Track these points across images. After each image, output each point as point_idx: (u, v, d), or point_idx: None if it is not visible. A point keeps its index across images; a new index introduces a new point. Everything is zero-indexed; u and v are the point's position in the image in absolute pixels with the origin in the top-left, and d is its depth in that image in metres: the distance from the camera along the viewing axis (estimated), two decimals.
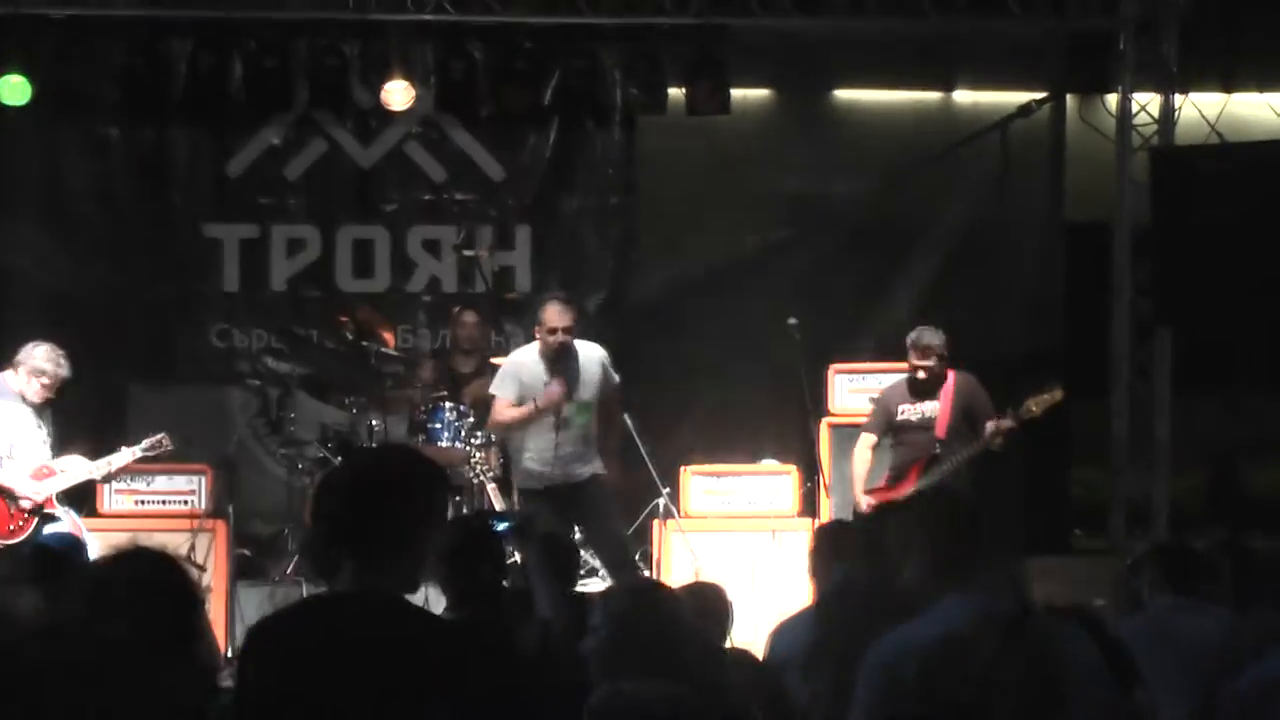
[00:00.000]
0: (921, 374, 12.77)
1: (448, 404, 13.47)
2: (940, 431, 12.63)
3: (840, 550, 8.39)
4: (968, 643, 5.12)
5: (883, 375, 13.68)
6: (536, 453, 12.36)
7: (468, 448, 13.02)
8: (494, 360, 13.35)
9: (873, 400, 13.43)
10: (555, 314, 12.33)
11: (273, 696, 4.63)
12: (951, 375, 12.68)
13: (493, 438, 13.16)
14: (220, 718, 5.19)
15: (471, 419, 13.22)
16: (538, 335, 12.32)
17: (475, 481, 12.88)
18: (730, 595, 8.47)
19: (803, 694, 7.54)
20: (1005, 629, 5.12)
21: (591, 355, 12.67)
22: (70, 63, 14.77)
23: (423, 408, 13.60)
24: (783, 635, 8.17)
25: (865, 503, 12.67)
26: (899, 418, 12.90)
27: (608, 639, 5.82)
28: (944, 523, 5.77)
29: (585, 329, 13.12)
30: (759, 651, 8.30)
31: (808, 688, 7.57)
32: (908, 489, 12.44)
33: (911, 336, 12.82)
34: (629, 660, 5.79)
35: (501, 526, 10.70)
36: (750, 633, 9.43)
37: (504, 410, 12.26)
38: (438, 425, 13.38)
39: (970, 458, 12.47)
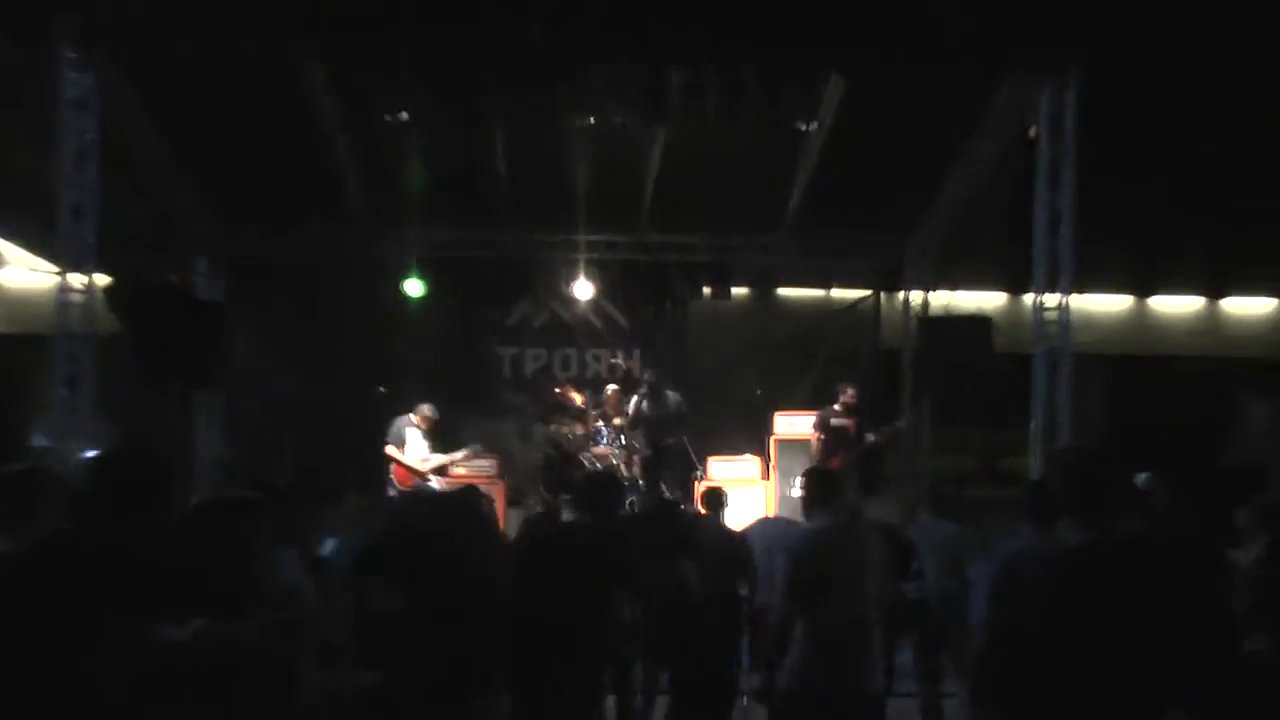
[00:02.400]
0: (843, 404, 13.34)
1: (604, 429, 13.85)
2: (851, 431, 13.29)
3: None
4: (821, 536, 5.56)
5: (805, 415, 13.98)
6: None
7: (613, 447, 13.68)
8: (628, 409, 13.93)
9: (817, 416, 13.64)
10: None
11: (525, 573, 4.94)
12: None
13: (622, 440, 13.75)
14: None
15: (616, 435, 13.78)
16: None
17: (618, 464, 13.37)
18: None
19: (758, 553, 7.59)
20: (845, 530, 5.53)
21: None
22: (434, 276, 15.42)
23: (593, 429, 13.86)
24: (752, 528, 8.53)
25: None
26: (833, 423, 13.35)
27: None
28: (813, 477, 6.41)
29: (667, 394, 14.02)
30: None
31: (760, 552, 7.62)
32: (838, 462, 12.87)
33: (842, 388, 13.49)
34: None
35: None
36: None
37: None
38: (600, 438, 13.77)
39: (861, 450, 13.14)
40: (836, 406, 13.59)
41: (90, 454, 9.37)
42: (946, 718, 7.78)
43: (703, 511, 8.46)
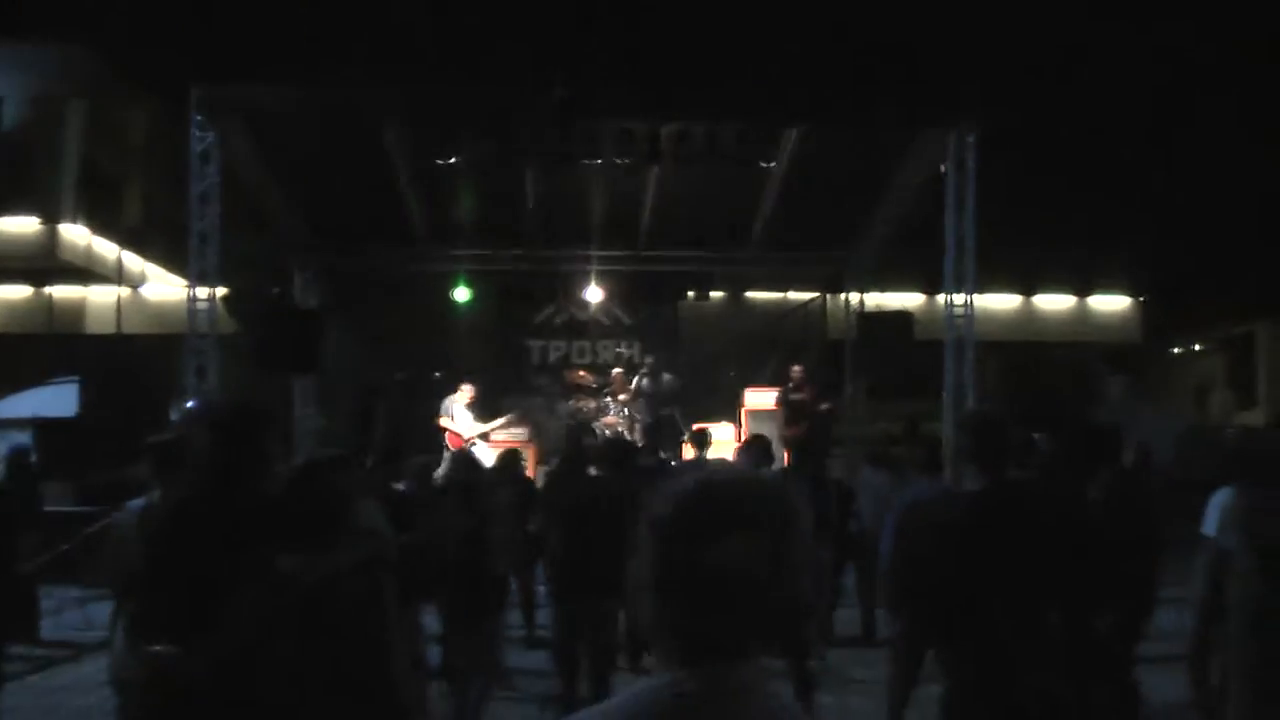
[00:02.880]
0: (794, 381, 13.22)
1: (612, 403, 13.70)
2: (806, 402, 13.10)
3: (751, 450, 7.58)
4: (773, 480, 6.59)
5: (769, 391, 13.78)
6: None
7: (619, 417, 13.47)
8: (630, 388, 13.78)
9: (779, 392, 13.40)
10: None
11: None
12: (807, 387, 13.22)
13: (626, 412, 13.56)
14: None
15: (622, 408, 13.59)
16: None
17: (624, 431, 13.11)
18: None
19: None
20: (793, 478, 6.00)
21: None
22: (478, 285, 15.13)
23: (603, 404, 13.81)
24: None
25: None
26: (791, 398, 13.18)
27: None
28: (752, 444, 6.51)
29: (662, 376, 13.92)
30: None
31: None
32: (796, 429, 12.81)
33: (791, 367, 13.57)
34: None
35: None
36: None
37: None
38: (608, 410, 13.62)
39: (816, 417, 13.04)
40: (791, 384, 13.51)
41: (191, 404, 9.90)
42: (878, 625, 7.82)
43: (692, 451, 8.34)
